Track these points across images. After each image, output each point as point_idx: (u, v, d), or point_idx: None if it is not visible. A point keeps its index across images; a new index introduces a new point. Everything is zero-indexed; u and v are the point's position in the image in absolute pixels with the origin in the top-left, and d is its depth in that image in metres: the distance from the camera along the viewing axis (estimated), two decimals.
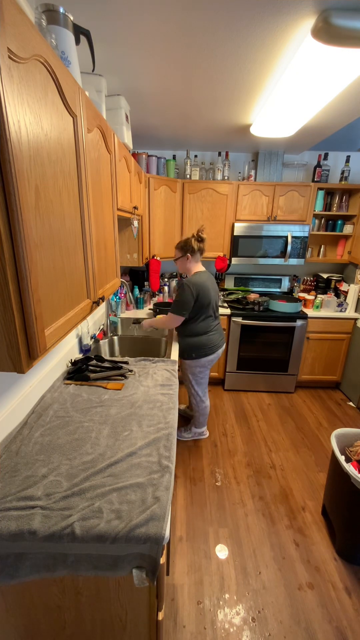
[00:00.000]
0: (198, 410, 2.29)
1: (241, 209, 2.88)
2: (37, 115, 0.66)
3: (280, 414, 2.77)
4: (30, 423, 1.20)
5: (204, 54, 1.36)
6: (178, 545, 1.60)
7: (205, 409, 2.29)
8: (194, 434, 2.40)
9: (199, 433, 2.40)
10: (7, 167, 0.56)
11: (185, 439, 2.39)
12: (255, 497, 1.91)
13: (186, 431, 2.40)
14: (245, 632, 1.27)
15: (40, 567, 0.80)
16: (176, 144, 2.83)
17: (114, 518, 0.82)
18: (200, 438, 2.42)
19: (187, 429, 2.41)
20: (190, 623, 1.30)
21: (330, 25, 1.04)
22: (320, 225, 3.06)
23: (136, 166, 2.01)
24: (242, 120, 2.16)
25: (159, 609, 0.89)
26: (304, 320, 2.84)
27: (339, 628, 1.29)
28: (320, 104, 1.73)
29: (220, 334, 2.13)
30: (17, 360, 0.67)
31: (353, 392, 2.95)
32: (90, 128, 1.03)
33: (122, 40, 1.29)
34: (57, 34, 0.89)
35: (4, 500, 0.86)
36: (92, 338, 2.09)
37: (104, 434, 1.16)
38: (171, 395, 1.43)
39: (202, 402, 2.26)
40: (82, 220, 0.98)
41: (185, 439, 2.39)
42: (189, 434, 2.39)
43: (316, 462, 2.21)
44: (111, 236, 1.41)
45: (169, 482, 0.95)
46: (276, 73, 1.49)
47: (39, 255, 0.70)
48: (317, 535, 1.68)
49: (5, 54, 0.53)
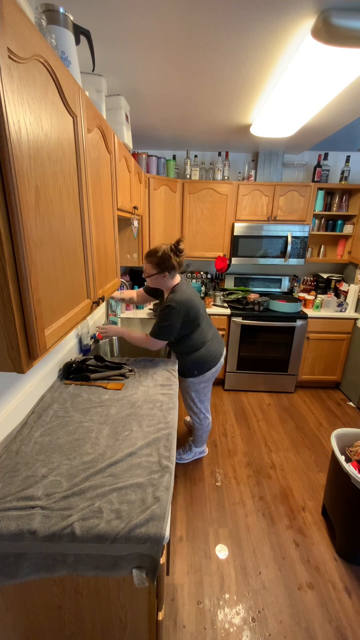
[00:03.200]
0: (202, 427, 2.06)
1: (241, 209, 2.88)
2: (37, 115, 0.66)
3: (280, 414, 2.77)
4: (30, 423, 1.20)
5: (204, 54, 1.36)
6: (178, 545, 1.60)
7: (209, 425, 2.08)
8: (195, 453, 2.18)
9: (200, 452, 2.20)
10: (7, 167, 0.56)
11: (186, 461, 2.17)
12: (255, 497, 1.91)
13: (185, 452, 2.18)
14: (245, 632, 1.27)
15: (40, 567, 0.80)
16: (176, 144, 2.83)
17: (114, 518, 0.82)
18: (200, 457, 2.22)
19: (185, 449, 2.19)
20: (190, 623, 1.30)
21: (330, 25, 1.04)
22: (320, 225, 3.05)
23: (136, 166, 2.01)
24: (242, 120, 2.16)
25: (159, 609, 0.89)
26: (304, 320, 2.84)
27: (339, 628, 1.29)
28: (320, 104, 1.73)
29: (218, 340, 1.93)
30: (17, 360, 0.67)
31: (353, 392, 2.95)
32: (90, 128, 1.03)
33: (122, 40, 1.28)
34: (57, 34, 0.89)
35: (4, 500, 0.86)
36: (92, 338, 2.09)
37: (104, 434, 1.16)
38: (171, 395, 1.43)
39: (207, 419, 2.05)
40: (82, 220, 0.98)
41: (186, 461, 2.17)
42: (190, 455, 2.17)
43: (316, 462, 2.21)
44: (111, 236, 1.41)
45: (169, 482, 0.95)
46: (276, 73, 1.49)
47: (39, 255, 0.70)
48: (317, 535, 1.68)
49: (5, 54, 0.53)
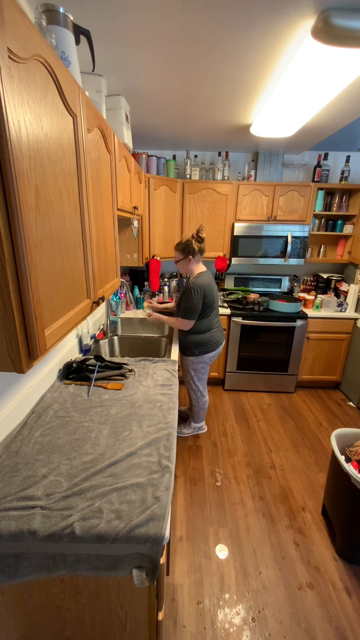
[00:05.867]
0: (198, 404, 2.33)
1: (241, 209, 2.88)
2: (37, 115, 0.66)
3: (280, 414, 2.77)
4: (30, 423, 1.20)
5: (204, 54, 1.36)
6: (178, 545, 1.60)
7: (205, 403, 2.34)
8: (194, 429, 2.44)
9: (199, 427, 2.45)
10: (7, 167, 0.56)
11: (185, 435, 2.44)
12: (255, 497, 1.91)
13: (185, 427, 2.45)
14: (245, 632, 1.27)
15: (40, 567, 0.80)
16: (176, 144, 2.83)
17: (114, 518, 0.82)
18: (199, 432, 2.47)
19: (186, 424, 2.46)
20: (190, 623, 1.30)
21: (330, 25, 1.04)
22: (320, 225, 3.05)
23: (136, 166, 2.01)
24: (242, 120, 2.16)
25: (159, 609, 0.89)
26: (304, 320, 2.84)
27: (339, 628, 1.29)
28: (321, 104, 1.73)
29: (220, 331, 2.19)
30: (17, 360, 0.67)
31: (353, 392, 2.95)
32: (90, 128, 1.03)
33: (122, 40, 1.28)
34: (57, 34, 0.89)
35: (4, 500, 0.86)
36: (92, 338, 2.09)
37: (104, 434, 1.16)
38: (171, 395, 1.43)
39: (203, 397, 2.31)
40: (82, 220, 0.98)
41: (185, 434, 2.44)
42: (189, 429, 2.44)
43: (316, 462, 2.21)
44: (111, 236, 1.41)
45: (169, 482, 0.95)
46: (276, 73, 1.49)
47: (39, 255, 0.70)
48: (317, 535, 1.68)
49: (5, 54, 0.53)
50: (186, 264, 2.01)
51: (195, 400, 2.32)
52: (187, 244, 1.95)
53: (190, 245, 1.94)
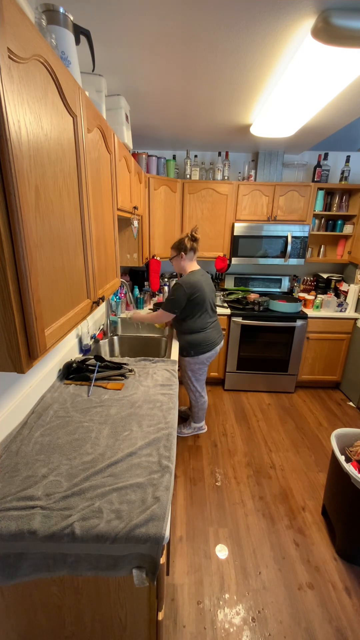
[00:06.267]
0: (197, 405, 2.34)
1: (241, 209, 2.88)
2: (37, 115, 0.66)
3: (280, 414, 2.77)
4: (30, 423, 1.20)
5: (204, 54, 1.36)
6: (178, 545, 1.60)
7: (204, 403, 2.34)
8: (194, 429, 2.44)
9: (198, 427, 2.45)
10: (7, 167, 0.56)
11: (185, 435, 2.44)
12: (255, 497, 1.91)
13: (185, 427, 2.45)
14: (245, 632, 1.27)
15: (40, 567, 0.80)
16: (176, 144, 2.83)
17: (114, 518, 0.82)
18: (199, 432, 2.47)
19: (186, 424, 2.46)
20: (190, 623, 1.30)
21: (330, 25, 1.04)
22: (320, 225, 3.05)
23: (136, 166, 2.01)
24: (242, 120, 2.16)
25: (159, 609, 0.89)
26: (304, 320, 2.84)
27: (338, 628, 1.29)
28: (321, 104, 1.73)
29: (217, 330, 2.17)
30: (17, 360, 0.67)
31: (353, 392, 2.95)
32: (90, 128, 1.03)
33: (122, 40, 1.28)
34: (57, 34, 0.89)
35: (4, 500, 0.86)
36: (92, 338, 2.09)
37: (104, 434, 1.16)
38: (171, 395, 1.43)
39: (202, 397, 2.32)
40: (82, 220, 0.98)
41: (185, 434, 2.44)
42: (189, 429, 2.44)
43: (316, 462, 2.21)
44: (111, 236, 1.41)
45: (169, 482, 0.95)
46: (276, 73, 1.49)
47: (39, 255, 0.70)
48: (317, 535, 1.68)
49: (5, 54, 0.53)
50: (179, 261, 2.04)
51: (194, 401, 2.33)
52: (180, 241, 2.00)
53: (183, 242, 1.98)
